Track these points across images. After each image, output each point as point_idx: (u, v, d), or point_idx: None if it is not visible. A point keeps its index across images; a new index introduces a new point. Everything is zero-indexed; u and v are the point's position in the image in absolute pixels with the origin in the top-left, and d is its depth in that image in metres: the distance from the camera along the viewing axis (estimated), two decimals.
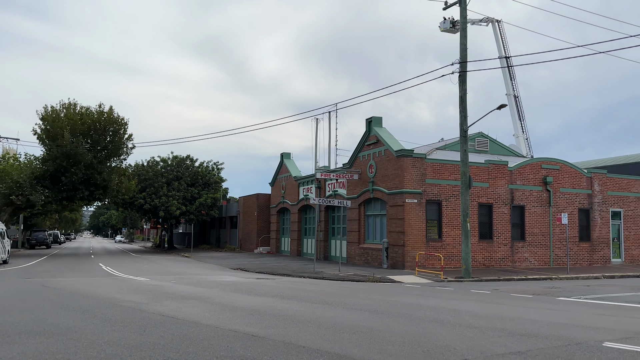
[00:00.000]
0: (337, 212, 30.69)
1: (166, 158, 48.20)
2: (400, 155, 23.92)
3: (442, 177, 24.35)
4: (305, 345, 7.23)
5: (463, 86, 20.09)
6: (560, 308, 11.88)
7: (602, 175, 28.49)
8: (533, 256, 26.00)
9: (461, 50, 20.10)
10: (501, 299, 13.59)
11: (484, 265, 24.58)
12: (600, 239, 27.96)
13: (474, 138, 31.18)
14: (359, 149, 27.66)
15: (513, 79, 39.67)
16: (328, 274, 20.93)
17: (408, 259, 23.15)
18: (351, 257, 27.70)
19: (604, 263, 27.81)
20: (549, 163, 27.16)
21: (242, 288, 15.50)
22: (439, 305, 11.86)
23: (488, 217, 25.26)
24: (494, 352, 7.04)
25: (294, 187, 36.30)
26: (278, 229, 39.90)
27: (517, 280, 19.83)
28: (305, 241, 35.26)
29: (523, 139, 39.22)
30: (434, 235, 24.08)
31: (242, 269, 25.11)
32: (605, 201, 28.31)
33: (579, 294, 14.82)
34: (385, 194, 24.88)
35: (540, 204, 26.45)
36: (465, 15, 20.39)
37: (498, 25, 39.31)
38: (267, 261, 30.01)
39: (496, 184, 25.44)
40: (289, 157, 39.29)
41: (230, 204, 50.83)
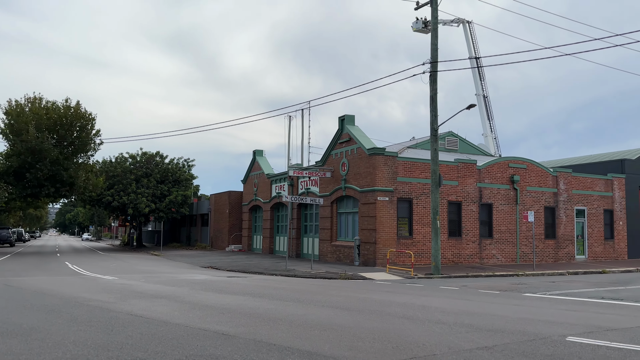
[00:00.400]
0: (309, 210, 30.73)
1: (135, 154, 47.34)
2: (372, 153, 24.09)
3: (413, 176, 24.64)
4: (276, 343, 7.23)
5: (434, 86, 20.37)
6: (526, 304, 12.19)
7: (567, 175, 29.33)
8: (500, 253, 26.59)
9: (432, 50, 20.37)
10: (469, 295, 13.86)
11: (453, 262, 25.01)
12: (565, 237, 28.79)
13: (445, 137, 31.66)
14: (332, 147, 27.74)
15: (482, 79, 40.42)
16: (300, 272, 20.94)
17: (379, 256, 23.36)
18: (323, 255, 27.79)
19: (569, 260, 28.65)
20: (516, 162, 27.80)
21: (213, 286, 15.37)
22: (408, 302, 12.01)
23: (457, 214, 25.70)
24: (462, 347, 7.18)
25: (267, 185, 36.16)
26: (250, 226, 39.69)
27: (485, 277, 20.25)
28: (278, 239, 35.20)
29: (492, 138, 40.01)
30: (404, 232, 24.37)
31: (213, 267, 24.89)
32: (570, 199, 29.15)
33: (544, 290, 15.23)
34: (358, 191, 25.03)
35: (508, 202, 27.06)
36: (436, 15, 20.66)
37: (469, 26, 39.97)
38: (239, 259, 29.83)
39: (465, 182, 25.90)
40: (262, 155, 39.11)
41: (201, 202, 50.29)
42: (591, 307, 11.57)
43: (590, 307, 11.58)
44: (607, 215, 30.61)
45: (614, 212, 30.77)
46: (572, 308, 11.43)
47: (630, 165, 32.17)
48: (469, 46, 39.97)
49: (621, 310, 11.07)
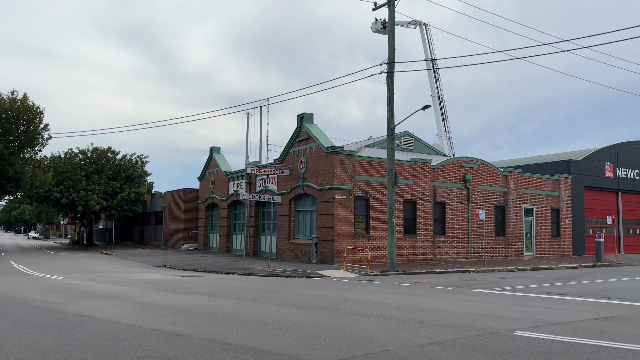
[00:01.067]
0: (267, 208, 30.57)
1: (86, 150, 45.73)
2: (330, 152, 24.22)
3: (370, 174, 24.94)
4: (231, 343, 7.16)
5: (391, 86, 20.67)
6: (476, 299, 12.57)
7: (517, 174, 30.42)
8: (453, 250, 27.31)
9: (389, 51, 20.65)
10: (423, 292, 14.17)
11: (407, 259, 25.49)
12: (515, 234, 29.87)
13: (401, 137, 32.20)
14: (290, 145, 27.69)
15: (438, 81, 41.33)
16: (257, 270, 20.82)
17: (337, 253, 23.52)
18: (281, 253, 27.72)
19: (518, 257, 29.75)
20: (468, 162, 28.60)
21: (167, 286, 15.06)
22: (364, 299, 12.16)
23: (412, 212, 26.21)
24: (415, 342, 7.34)
25: (224, 182, 35.72)
26: (206, 224, 39.10)
27: (438, 273, 20.75)
28: (235, 237, 34.85)
29: (446, 138, 40.99)
30: (361, 230, 24.64)
31: (167, 266, 24.39)
32: (519, 198, 30.26)
33: (494, 286, 15.75)
34: (316, 190, 25.11)
35: (460, 200, 27.82)
36: (393, 17, 20.95)
37: (425, 28, 40.77)
38: (194, 258, 29.35)
39: (420, 181, 26.44)
40: (219, 152, 38.59)
41: (155, 199, 49.11)
42: (538, 302, 12.06)
43: (537, 302, 12.06)
44: (554, 214, 31.96)
45: (560, 210, 32.16)
46: (520, 303, 11.88)
47: (576, 165, 33.70)
48: (425, 48, 40.79)
49: (565, 305, 11.59)
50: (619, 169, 36.10)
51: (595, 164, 34.91)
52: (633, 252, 36.38)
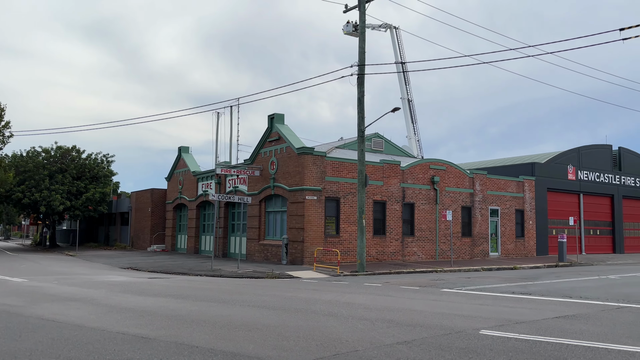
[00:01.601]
0: (237, 209, 30.34)
1: (49, 148, 44.38)
2: (301, 152, 24.22)
3: (340, 175, 25.05)
4: (199, 345, 7.08)
5: (361, 88, 20.83)
6: (443, 299, 12.79)
7: (483, 176, 31.08)
8: (421, 250, 27.70)
9: (360, 53, 20.81)
10: (391, 292, 14.32)
11: (377, 259, 25.71)
12: (480, 235, 30.50)
13: (371, 138, 32.47)
14: (261, 145, 27.56)
15: (407, 83, 41.84)
16: (226, 272, 20.63)
17: (307, 254, 23.53)
18: (251, 254, 27.55)
19: (483, 257, 30.38)
20: (436, 164, 29.07)
21: (133, 288, 14.78)
22: (334, 299, 12.21)
23: (382, 213, 26.46)
24: (383, 342, 7.41)
25: (193, 183, 35.26)
26: (174, 225, 38.51)
27: (407, 273, 21.00)
28: (203, 238, 34.44)
29: (415, 140, 41.54)
30: (332, 231, 24.72)
31: (134, 268, 23.92)
32: (485, 200, 30.92)
33: (461, 286, 16.05)
34: (286, 190, 25.06)
35: (428, 201, 28.24)
36: (364, 20, 21.13)
37: (395, 31, 41.23)
38: (162, 259, 28.88)
39: (390, 182, 26.71)
40: (188, 151, 38.07)
41: (121, 199, 48.07)
42: (503, 302, 12.34)
43: (502, 302, 12.35)
44: (519, 215, 32.79)
45: (524, 212, 33.01)
46: (486, 303, 12.14)
47: (540, 168, 34.67)
48: (396, 51, 41.24)
49: (529, 304, 11.91)
50: (580, 172, 37.31)
51: (558, 166, 35.98)
52: (594, 252, 37.65)
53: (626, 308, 11.27)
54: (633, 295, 13.76)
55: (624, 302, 12.16)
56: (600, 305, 11.72)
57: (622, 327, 8.94)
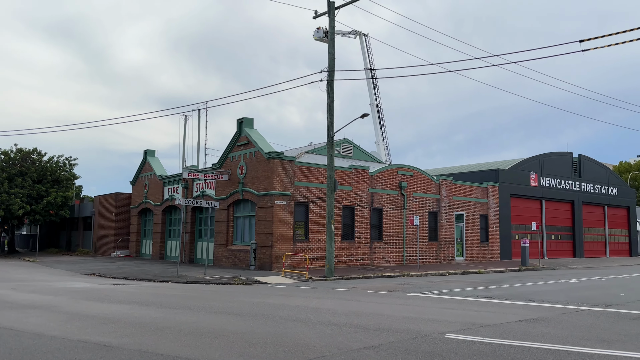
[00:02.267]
0: (204, 214, 29.94)
1: (8, 151, 42.83)
2: (270, 157, 24.12)
3: (310, 180, 25.07)
4: (164, 353, 6.94)
5: (331, 94, 20.94)
6: (410, 303, 12.93)
7: (449, 182, 31.64)
8: (389, 255, 27.95)
9: (329, 59, 20.93)
10: (359, 296, 14.39)
11: (345, 264, 25.80)
12: (446, 239, 31.01)
13: (340, 143, 32.65)
14: (230, 149, 27.33)
15: (376, 90, 42.29)
16: (192, 278, 20.32)
17: (275, 260, 23.41)
18: (218, 260, 27.22)
19: (449, 261, 30.89)
20: (404, 169, 29.44)
21: (95, 295, 14.38)
22: (302, 305, 12.18)
23: (350, 218, 26.59)
24: (350, 347, 7.43)
25: (159, 187, 34.63)
26: (139, 230, 37.70)
27: (375, 278, 21.15)
28: (169, 244, 33.84)
29: (383, 146, 41.97)
30: (300, 236, 24.68)
31: (96, 274, 23.30)
32: (451, 205, 31.48)
33: (427, 290, 16.27)
34: (255, 195, 24.90)
35: (396, 206, 28.56)
36: (333, 26, 21.27)
37: (365, 38, 41.66)
38: (126, 265, 28.22)
39: (358, 187, 26.89)
40: (154, 155, 37.40)
41: (84, 204, 46.78)
42: (467, 305, 12.57)
43: (467, 305, 12.57)
44: (483, 220, 33.50)
45: (488, 217, 33.75)
46: (451, 306, 12.33)
47: (503, 174, 35.54)
48: (365, 58, 41.66)
49: (493, 308, 12.16)
50: (542, 178, 38.43)
51: (521, 173, 36.97)
52: (555, 256, 38.79)
53: (585, 311, 11.64)
54: (592, 298, 14.23)
55: (584, 305, 12.56)
56: (561, 308, 12.07)
57: (582, 329, 9.23)
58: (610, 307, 12.26)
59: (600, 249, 43.53)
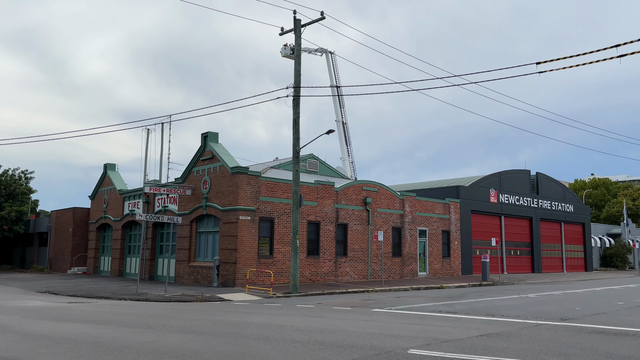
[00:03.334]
0: (166, 229, 29.32)
1: None
2: (235, 172, 23.92)
3: (275, 195, 24.96)
4: None
5: (297, 110, 21.03)
6: (374, 319, 12.96)
7: (412, 198, 32.11)
8: (353, 270, 28.01)
9: (295, 75, 21.06)
10: (324, 313, 14.33)
11: (310, 280, 25.69)
12: (410, 255, 31.35)
13: (306, 159, 32.73)
14: (194, 164, 26.96)
15: (342, 106, 42.75)
16: (153, 295, 19.79)
17: (239, 276, 23.09)
18: (180, 277, 26.63)
19: (412, 276, 31.20)
20: (369, 185, 29.72)
21: (50, 314, 13.80)
22: (266, 322, 12.03)
23: (316, 234, 26.57)
24: None
25: (119, 202, 33.75)
26: (97, 246, 36.54)
27: (339, 294, 21.12)
28: (129, 260, 32.90)
29: (349, 162, 42.34)
30: (265, 252, 24.46)
31: (52, 291, 22.38)
32: (414, 221, 31.91)
33: (391, 305, 16.36)
34: (219, 210, 24.58)
35: (361, 222, 28.74)
36: (299, 43, 21.46)
37: (331, 56, 42.22)
38: (83, 282, 27.26)
39: (324, 203, 26.95)
40: (114, 169, 36.47)
41: (40, 219, 45.08)
42: (430, 321, 12.70)
43: (430, 321, 12.70)
44: (445, 236, 34.07)
45: (450, 232, 34.36)
46: (414, 322, 12.43)
47: (464, 191, 36.34)
48: (331, 75, 42.16)
49: (455, 323, 12.32)
50: (502, 195, 39.50)
51: (481, 189, 37.90)
52: (514, 271, 39.75)
53: (544, 325, 11.95)
54: (550, 312, 14.62)
55: (542, 320, 12.89)
56: (521, 323, 12.34)
57: (541, 343, 9.46)
58: (568, 321, 12.62)
59: (557, 264, 44.90)
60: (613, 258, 51.99)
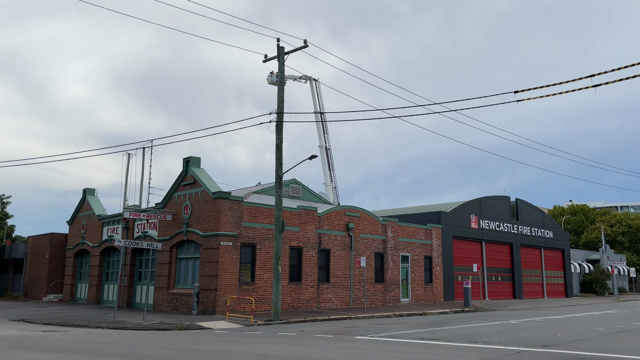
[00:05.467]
0: (145, 255, 28.81)
1: None
2: (217, 197, 23.77)
3: (257, 221, 24.81)
4: None
5: (280, 135, 21.13)
6: (356, 347, 12.82)
7: (394, 223, 32.20)
8: (336, 297, 27.78)
9: (279, 102, 21.24)
10: (306, 340, 14.13)
11: (292, 307, 25.37)
12: (392, 281, 31.26)
13: (289, 184, 32.71)
14: (175, 189, 26.73)
15: (326, 132, 43.09)
16: (130, 323, 19.31)
17: (220, 303, 22.71)
18: (158, 304, 26.07)
19: (395, 302, 31.05)
20: (351, 211, 29.76)
21: (24, 343, 13.35)
22: (246, 351, 11.80)
23: (298, 259, 26.37)
24: None
25: (97, 227, 33.16)
26: (74, 273, 35.68)
27: (322, 321, 20.88)
28: (107, 287, 32.16)
29: (332, 187, 42.47)
30: (247, 278, 24.15)
31: (26, 320, 21.69)
32: (397, 246, 31.94)
33: (373, 332, 16.21)
34: (200, 236, 24.30)
35: (344, 247, 28.65)
36: (283, 70, 21.71)
37: (315, 83, 42.77)
38: (59, 310, 26.50)
39: (306, 228, 26.85)
40: (93, 194, 35.95)
41: (16, 244, 43.99)
42: (413, 348, 12.61)
43: (412, 348, 12.61)
44: (427, 261, 34.12)
45: (432, 258, 34.43)
46: (397, 349, 12.32)
47: (446, 216, 36.60)
48: (315, 101, 42.61)
49: (437, 350, 12.25)
50: (482, 221, 39.86)
51: (462, 215, 38.21)
52: (496, 297, 39.85)
53: (526, 352, 11.94)
54: (532, 339, 14.64)
55: (524, 346, 12.89)
56: (503, 349, 12.33)
57: None
58: (549, 348, 12.64)
59: (538, 290, 45.18)
60: (592, 284, 52.55)
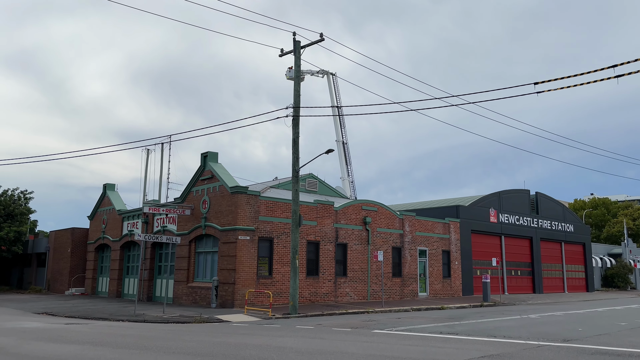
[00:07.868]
0: (165, 250, 29.18)
1: None
2: (234, 191, 23.92)
3: (274, 215, 24.91)
4: None
5: (296, 130, 21.14)
6: (374, 340, 12.82)
7: (412, 218, 32.04)
8: (353, 291, 27.79)
9: (295, 96, 21.24)
10: (323, 334, 14.17)
11: (310, 301, 25.47)
12: (410, 275, 31.15)
13: (305, 179, 32.73)
14: (193, 184, 26.97)
15: (343, 127, 42.99)
16: (151, 316, 19.60)
17: (238, 297, 22.90)
18: (178, 297, 26.40)
19: (413, 297, 30.95)
20: (368, 205, 29.69)
21: (48, 335, 13.65)
22: (265, 344, 11.89)
23: (315, 254, 26.43)
24: None
25: (117, 222, 33.65)
26: (95, 267, 36.31)
27: (339, 315, 20.92)
28: (127, 281, 32.67)
29: (348, 182, 42.39)
30: (264, 272, 24.30)
31: (49, 313, 22.17)
32: (414, 240, 31.79)
33: (391, 326, 16.19)
34: (218, 230, 24.50)
35: (360, 242, 28.62)
36: (299, 64, 21.70)
37: (332, 78, 42.66)
38: (81, 304, 27.02)
39: (323, 222, 26.88)
40: (113, 189, 36.47)
41: (38, 239, 44.90)
42: (431, 342, 12.56)
43: (430, 342, 12.56)
44: (445, 256, 33.89)
45: (450, 252, 34.19)
46: (415, 343, 12.29)
47: (464, 210, 36.28)
48: (332, 96, 42.50)
49: (456, 344, 12.19)
50: (501, 215, 39.42)
51: (481, 209, 37.83)
52: (515, 292, 39.43)
53: (546, 346, 11.81)
54: (552, 333, 14.47)
55: (544, 341, 12.75)
56: (522, 344, 12.21)
57: None
58: (570, 342, 12.48)
59: (558, 284, 44.58)
60: (614, 278, 51.64)
